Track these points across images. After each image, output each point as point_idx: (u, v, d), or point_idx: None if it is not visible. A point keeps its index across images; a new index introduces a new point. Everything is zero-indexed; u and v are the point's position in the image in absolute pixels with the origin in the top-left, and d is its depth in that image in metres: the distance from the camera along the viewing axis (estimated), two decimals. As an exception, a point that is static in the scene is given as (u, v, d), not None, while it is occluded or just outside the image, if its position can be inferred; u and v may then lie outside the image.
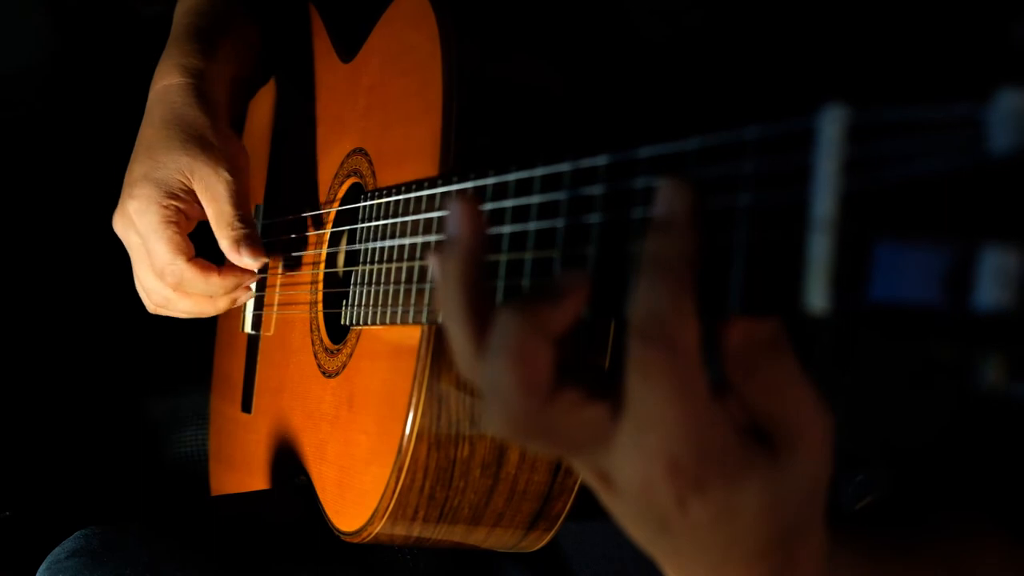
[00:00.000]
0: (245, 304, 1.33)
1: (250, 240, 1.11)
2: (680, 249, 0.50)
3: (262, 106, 1.42)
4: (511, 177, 0.71)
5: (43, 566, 0.98)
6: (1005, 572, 0.68)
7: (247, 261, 1.11)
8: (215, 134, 1.13)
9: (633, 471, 0.52)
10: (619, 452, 0.52)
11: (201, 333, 1.44)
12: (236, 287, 1.14)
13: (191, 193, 1.11)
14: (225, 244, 1.11)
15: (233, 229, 1.10)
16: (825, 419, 0.52)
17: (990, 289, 0.37)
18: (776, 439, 0.52)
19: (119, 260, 1.16)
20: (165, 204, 1.09)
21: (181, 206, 1.10)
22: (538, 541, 0.95)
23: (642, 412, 0.51)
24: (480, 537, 0.94)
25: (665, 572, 0.58)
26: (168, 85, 1.16)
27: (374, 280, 0.94)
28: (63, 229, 1.54)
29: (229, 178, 1.11)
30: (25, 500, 1.37)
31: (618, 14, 1.01)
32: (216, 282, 1.11)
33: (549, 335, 0.54)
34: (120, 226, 1.13)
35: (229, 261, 1.13)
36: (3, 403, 1.42)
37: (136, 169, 1.12)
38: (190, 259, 1.10)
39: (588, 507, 0.91)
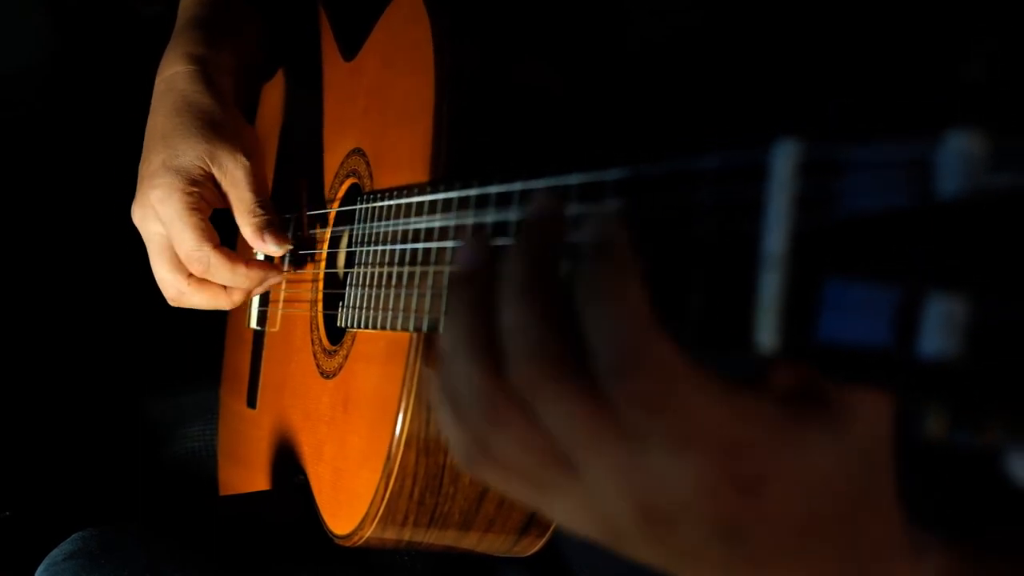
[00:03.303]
0: (252, 300, 1.33)
1: (272, 226, 1.10)
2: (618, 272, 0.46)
3: (272, 102, 1.42)
4: (493, 190, 0.71)
5: (41, 568, 0.99)
6: None
7: (271, 248, 1.10)
8: (227, 119, 1.13)
9: (685, 487, 0.46)
10: (656, 475, 0.47)
11: (205, 331, 1.45)
12: (261, 281, 1.13)
13: (210, 178, 1.11)
14: (248, 231, 1.11)
15: (255, 216, 1.10)
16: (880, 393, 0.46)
17: (935, 335, 0.37)
18: (826, 398, 0.46)
19: (119, 259, 1.16)
20: (188, 191, 1.08)
21: (203, 192, 1.10)
22: (531, 546, 0.95)
23: (667, 436, 0.46)
24: (471, 542, 0.94)
25: None
26: (174, 73, 1.16)
27: (367, 283, 0.94)
28: (63, 229, 1.55)
29: (247, 163, 1.10)
30: (25, 500, 1.38)
31: (617, 14, 1.00)
32: (243, 272, 1.10)
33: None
34: (139, 216, 1.12)
35: (256, 255, 1.12)
36: (3, 403, 1.44)
37: (154, 159, 1.11)
38: (216, 246, 1.09)
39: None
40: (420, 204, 0.84)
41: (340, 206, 1.13)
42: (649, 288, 0.46)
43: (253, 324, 1.33)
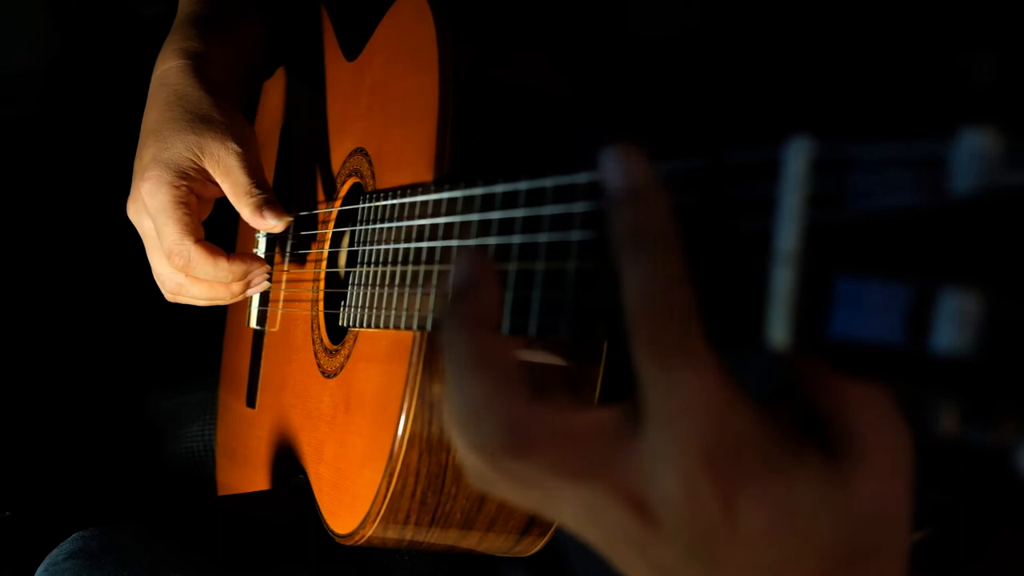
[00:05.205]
0: (251, 299, 1.33)
1: (270, 203, 1.10)
2: (656, 213, 0.46)
3: (272, 101, 1.42)
4: (498, 189, 0.71)
5: (41, 568, 0.99)
6: None
7: (272, 223, 1.09)
8: (218, 111, 1.12)
9: (671, 475, 0.46)
10: (649, 457, 0.46)
11: (204, 331, 1.45)
12: (245, 274, 1.12)
13: (202, 172, 1.10)
14: (246, 212, 1.10)
15: (251, 196, 1.09)
16: (903, 438, 0.46)
17: (948, 331, 0.37)
18: (840, 444, 0.45)
19: (120, 259, 1.16)
20: (176, 184, 1.08)
21: (193, 186, 1.09)
22: (532, 546, 0.95)
23: (664, 401, 0.46)
24: (473, 542, 0.94)
25: None
26: (168, 68, 1.16)
27: (370, 282, 0.94)
28: (64, 228, 1.55)
29: (239, 149, 1.10)
30: (25, 500, 1.38)
31: (618, 14, 1.00)
32: (224, 267, 1.09)
33: (490, 325, 0.51)
34: (133, 211, 1.12)
35: (239, 250, 1.12)
36: (3, 403, 1.43)
37: (145, 154, 1.11)
38: (198, 241, 1.08)
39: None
40: (424, 203, 0.85)
41: (342, 205, 1.13)
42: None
43: (253, 324, 1.33)
